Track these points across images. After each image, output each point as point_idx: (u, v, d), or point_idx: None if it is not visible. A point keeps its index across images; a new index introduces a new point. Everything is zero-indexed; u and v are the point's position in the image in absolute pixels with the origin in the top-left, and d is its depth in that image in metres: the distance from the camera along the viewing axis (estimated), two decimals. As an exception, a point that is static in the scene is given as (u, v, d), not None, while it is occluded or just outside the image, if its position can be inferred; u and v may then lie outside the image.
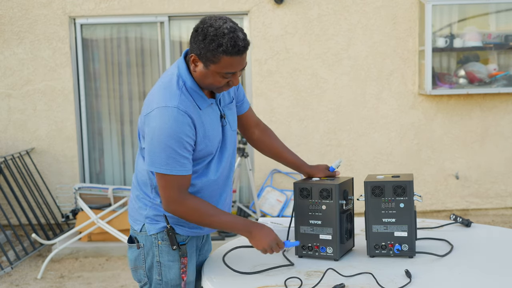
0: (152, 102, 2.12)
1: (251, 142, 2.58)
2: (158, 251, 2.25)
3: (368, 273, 2.15)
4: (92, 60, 6.18)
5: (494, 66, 6.01)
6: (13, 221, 5.98)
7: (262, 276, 2.18)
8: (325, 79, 6.10)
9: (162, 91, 2.12)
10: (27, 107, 6.04)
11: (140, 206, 2.28)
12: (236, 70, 2.10)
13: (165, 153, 2.07)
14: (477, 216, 6.25)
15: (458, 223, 2.78)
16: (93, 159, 6.30)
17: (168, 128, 2.05)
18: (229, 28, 2.04)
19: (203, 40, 2.05)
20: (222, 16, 2.10)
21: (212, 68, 2.08)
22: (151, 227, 2.25)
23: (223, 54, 2.04)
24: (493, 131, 6.20)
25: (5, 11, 5.94)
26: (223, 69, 2.08)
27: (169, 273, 2.26)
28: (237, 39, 2.04)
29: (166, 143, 2.06)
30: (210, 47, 2.04)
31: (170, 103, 2.07)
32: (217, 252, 2.49)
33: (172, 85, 2.13)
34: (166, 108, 2.07)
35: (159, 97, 2.11)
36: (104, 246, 5.30)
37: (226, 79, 2.12)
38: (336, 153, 6.16)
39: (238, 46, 2.04)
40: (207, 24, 2.06)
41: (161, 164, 2.09)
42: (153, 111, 2.08)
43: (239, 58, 2.07)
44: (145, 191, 2.27)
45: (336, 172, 2.50)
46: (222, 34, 2.03)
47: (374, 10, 6.04)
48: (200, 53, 2.07)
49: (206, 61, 2.07)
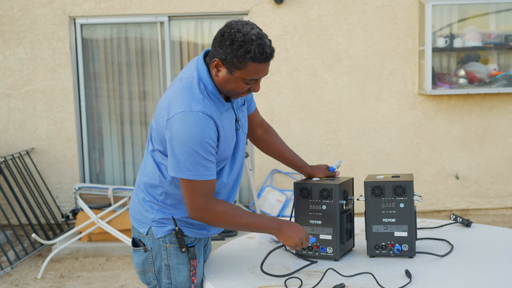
0: (173, 106, 2.05)
1: (253, 141, 2.58)
2: (166, 254, 2.21)
3: (368, 273, 2.15)
4: (92, 60, 6.18)
5: (494, 66, 6.01)
6: (13, 221, 5.98)
7: (262, 276, 2.18)
8: (325, 79, 6.10)
9: (183, 94, 2.06)
10: (27, 107, 6.04)
11: (146, 209, 2.23)
12: (260, 76, 2.08)
13: (192, 159, 2.02)
14: (477, 216, 6.25)
15: (458, 223, 2.78)
16: (93, 159, 6.30)
17: (194, 133, 2.00)
18: (256, 34, 2.02)
19: (230, 46, 2.01)
20: (248, 21, 2.07)
21: (237, 74, 2.05)
22: (159, 230, 2.21)
23: (251, 61, 2.01)
24: (493, 131, 6.20)
25: (5, 11, 5.94)
26: (248, 76, 2.05)
27: (178, 276, 2.22)
28: (265, 45, 2.02)
29: (193, 148, 2.01)
30: (237, 53, 2.01)
31: (195, 107, 2.02)
32: (217, 252, 2.49)
33: (194, 88, 2.07)
34: (191, 112, 2.01)
35: (181, 100, 2.04)
36: (104, 246, 5.30)
37: (249, 85, 2.09)
38: (336, 153, 6.16)
39: (266, 53, 2.03)
40: (235, 29, 2.02)
41: (188, 169, 2.04)
42: (176, 116, 2.02)
43: (265, 65, 2.05)
44: (152, 194, 2.22)
45: (336, 172, 2.50)
46: (250, 40, 2.00)
47: (374, 10, 6.04)
48: (226, 58, 2.03)
49: (231, 67, 2.04)
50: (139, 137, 6.28)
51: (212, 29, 6.16)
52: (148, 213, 2.23)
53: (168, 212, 2.21)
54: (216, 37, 2.07)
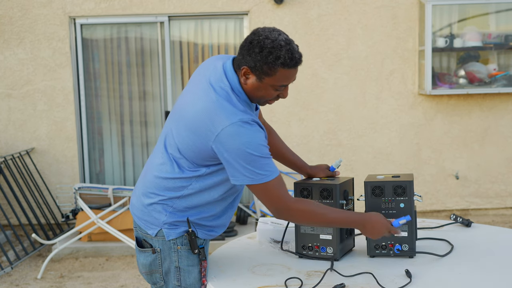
0: (218, 119, 2.02)
1: None
2: (177, 256, 2.20)
3: (369, 273, 2.15)
4: (92, 60, 6.18)
5: (494, 66, 6.01)
6: (13, 221, 5.98)
7: (262, 276, 2.18)
8: (325, 79, 6.10)
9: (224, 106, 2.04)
10: (27, 107, 6.04)
11: (158, 211, 2.19)
12: (290, 82, 2.10)
13: (257, 164, 2.03)
14: (477, 216, 6.25)
15: (458, 223, 2.78)
16: (93, 159, 6.29)
17: (251, 141, 2.01)
18: (284, 40, 2.03)
19: (260, 53, 2.02)
20: (274, 27, 2.08)
21: (267, 80, 2.06)
22: (171, 232, 2.19)
23: (281, 67, 2.02)
24: (493, 131, 6.20)
25: (5, 11, 5.94)
26: (278, 82, 2.06)
27: (188, 278, 2.21)
28: (294, 51, 2.04)
29: (254, 154, 2.02)
30: (267, 59, 2.02)
31: (244, 117, 2.03)
32: (217, 252, 2.49)
33: (233, 99, 2.07)
34: (242, 123, 2.02)
35: (226, 113, 2.03)
36: (104, 246, 5.30)
37: (278, 91, 2.11)
38: (336, 153, 6.16)
39: (295, 58, 2.04)
40: (263, 36, 2.03)
41: (262, 174, 2.05)
42: (227, 129, 2.01)
43: (294, 70, 2.07)
44: (169, 197, 2.17)
45: (336, 172, 2.50)
46: (279, 46, 2.01)
47: (374, 10, 6.04)
48: (255, 65, 2.04)
49: (260, 74, 2.05)
50: (139, 137, 6.28)
51: (212, 29, 6.16)
52: (160, 215, 2.19)
53: (182, 214, 2.18)
54: (243, 45, 2.08)
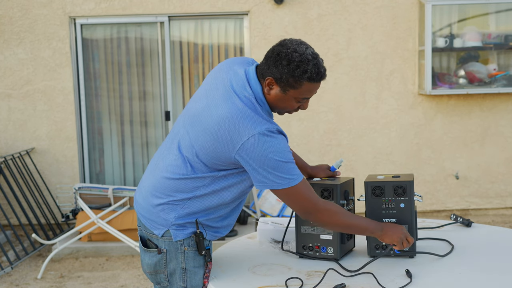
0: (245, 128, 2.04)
1: None
2: (183, 257, 2.20)
3: (369, 273, 2.15)
4: (92, 60, 6.18)
5: (494, 66, 6.01)
6: (13, 221, 5.98)
7: (263, 276, 2.18)
8: (325, 79, 6.09)
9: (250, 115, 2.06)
10: (27, 107, 6.04)
11: (167, 212, 2.19)
12: (312, 95, 2.14)
13: (287, 168, 2.06)
14: (477, 216, 6.25)
15: (458, 223, 2.78)
16: (93, 159, 6.29)
17: (276, 148, 2.04)
18: (311, 54, 2.08)
19: (287, 65, 2.06)
20: (301, 40, 2.13)
21: (291, 93, 2.10)
22: (178, 233, 2.19)
23: (307, 81, 2.07)
24: (493, 131, 6.20)
25: (5, 11, 5.94)
26: (302, 95, 2.11)
27: (194, 279, 2.22)
28: (320, 65, 2.09)
29: (280, 160, 2.05)
30: (295, 73, 2.05)
31: (271, 126, 2.06)
32: (217, 252, 2.49)
33: (257, 108, 2.10)
34: (270, 132, 2.05)
35: (252, 122, 2.05)
36: (104, 246, 5.30)
37: (299, 103, 2.15)
38: (336, 153, 6.16)
39: (321, 72, 2.09)
40: (291, 49, 2.07)
41: (290, 178, 2.08)
42: (253, 138, 2.03)
43: (319, 84, 2.12)
44: (179, 198, 2.18)
45: (337, 172, 2.50)
46: (307, 61, 2.06)
47: (374, 10, 6.04)
48: (281, 77, 2.07)
49: (285, 86, 2.09)
50: (139, 137, 6.28)
51: (212, 29, 6.16)
52: (169, 216, 2.19)
53: (191, 216, 2.19)
54: (270, 56, 2.11)
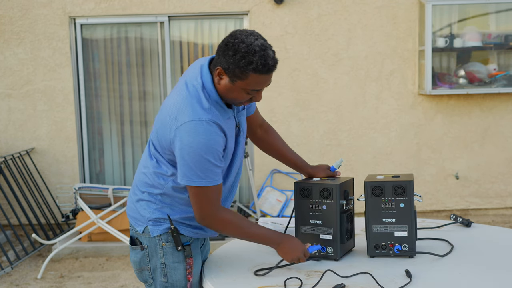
0: (182, 115, 2.07)
1: (254, 141, 2.58)
2: (162, 253, 2.24)
3: (367, 273, 2.15)
4: (92, 60, 6.18)
5: (494, 66, 6.01)
6: (13, 221, 5.98)
7: (262, 276, 2.18)
8: (325, 79, 6.10)
9: (190, 103, 2.08)
10: (27, 107, 6.04)
11: (143, 208, 2.25)
12: (262, 87, 2.10)
13: (203, 166, 2.06)
14: (477, 216, 6.25)
15: (458, 223, 2.78)
16: (93, 159, 6.29)
17: (204, 142, 2.04)
18: (260, 45, 2.03)
19: (233, 56, 2.03)
20: (253, 31, 2.08)
21: (238, 84, 2.07)
22: (155, 229, 2.23)
23: (252, 72, 2.03)
24: (493, 131, 6.20)
25: (5, 11, 5.94)
26: (249, 86, 2.07)
27: (174, 275, 2.24)
28: (268, 57, 2.03)
29: (204, 156, 2.05)
30: (240, 63, 2.02)
31: (204, 116, 2.05)
32: (217, 252, 2.49)
33: (200, 97, 2.09)
34: (200, 121, 2.05)
35: (189, 110, 2.07)
36: (104, 246, 5.30)
37: (250, 95, 2.11)
38: (336, 153, 6.16)
39: (268, 65, 2.04)
40: (239, 40, 2.04)
41: (199, 177, 2.07)
42: (185, 125, 2.05)
43: (267, 76, 2.06)
44: (150, 194, 2.24)
45: (337, 172, 2.50)
46: (253, 52, 2.01)
47: (374, 10, 6.04)
48: (228, 67, 2.05)
49: (233, 76, 2.06)
50: (139, 137, 6.28)
51: (212, 29, 6.16)
52: (145, 211, 2.25)
53: (165, 211, 2.23)
54: (220, 45, 2.09)
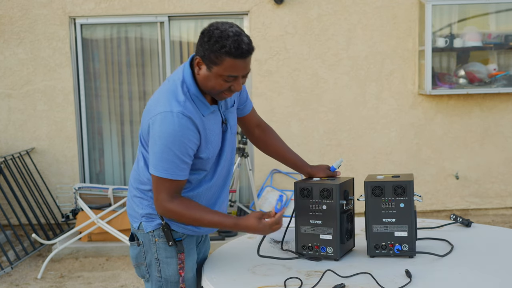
0: (157, 106, 2.13)
1: (252, 141, 2.59)
2: (155, 248, 2.29)
3: (367, 273, 2.15)
4: (92, 60, 6.18)
5: (494, 66, 6.01)
6: (13, 221, 5.98)
7: (262, 276, 2.18)
8: (325, 79, 6.10)
9: (167, 96, 2.14)
10: (27, 107, 6.04)
11: (137, 204, 2.31)
12: (238, 74, 2.10)
13: (168, 158, 2.10)
14: (477, 216, 6.25)
15: (458, 223, 2.78)
16: (93, 159, 6.30)
17: (172, 133, 2.08)
18: (234, 31, 2.06)
19: (208, 42, 2.07)
20: (229, 22, 2.12)
21: (215, 70, 2.09)
22: (147, 224, 2.29)
23: (226, 56, 2.05)
24: (493, 131, 6.20)
25: (5, 11, 5.94)
26: (225, 72, 2.08)
27: (167, 270, 2.28)
28: (241, 42, 2.06)
29: (169, 148, 2.09)
30: (214, 48, 2.05)
31: (175, 108, 2.09)
32: (217, 252, 2.49)
33: (178, 90, 2.14)
34: (171, 113, 2.09)
35: (164, 102, 2.13)
36: (104, 246, 5.30)
37: (228, 83, 2.12)
38: (336, 153, 6.16)
39: (242, 49, 2.06)
40: (214, 27, 2.09)
41: (162, 167, 2.12)
42: (158, 116, 2.10)
43: (242, 61, 2.08)
44: (142, 190, 2.29)
45: (337, 172, 2.50)
46: (226, 36, 2.05)
47: (374, 10, 6.04)
48: (204, 54, 2.09)
49: (209, 63, 2.09)
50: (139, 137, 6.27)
51: (212, 29, 6.16)
52: (138, 208, 2.31)
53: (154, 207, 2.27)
54: (199, 37, 2.15)
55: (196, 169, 2.21)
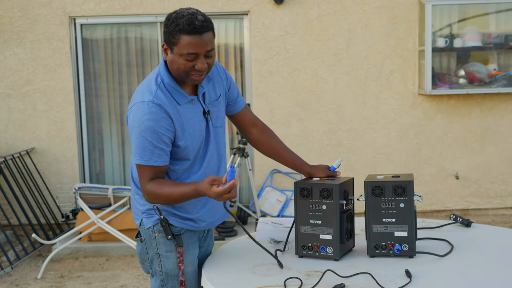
0: (133, 99, 2.25)
1: (250, 142, 2.59)
2: (156, 243, 2.34)
3: (367, 273, 2.15)
4: (92, 60, 6.18)
5: (494, 66, 6.01)
6: (13, 221, 5.98)
7: (262, 276, 2.18)
8: (325, 79, 6.10)
9: (142, 89, 2.26)
10: (27, 107, 6.04)
11: (138, 201, 2.38)
12: (197, 51, 2.16)
13: (142, 145, 2.19)
14: (477, 216, 6.25)
15: (458, 223, 2.78)
16: (93, 159, 6.29)
17: (143, 121, 2.17)
18: (190, 12, 2.16)
19: (166, 25, 2.18)
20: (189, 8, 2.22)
21: (176, 50, 2.17)
22: (147, 221, 2.35)
23: (180, 33, 2.13)
24: (493, 131, 6.20)
25: (5, 11, 5.94)
26: (184, 49, 2.15)
27: (168, 264, 2.34)
28: (194, 19, 2.14)
29: (143, 135, 2.18)
30: (170, 29, 2.16)
31: (146, 97, 2.19)
32: (217, 252, 2.49)
33: (151, 82, 2.25)
34: (142, 102, 2.19)
35: (139, 94, 2.24)
36: (104, 246, 5.31)
37: (190, 62, 2.18)
38: (336, 153, 6.16)
39: (194, 24, 2.13)
40: (172, 12, 2.20)
41: (139, 155, 2.21)
42: (133, 107, 2.22)
43: (198, 37, 2.14)
44: (139, 187, 2.35)
45: (337, 172, 2.50)
46: (181, 16, 2.15)
47: (374, 10, 6.04)
48: (165, 38, 2.19)
49: (170, 45, 2.18)
50: (139, 137, 6.27)
51: (212, 29, 6.16)
52: (139, 205, 2.38)
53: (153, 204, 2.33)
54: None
55: (178, 158, 2.27)
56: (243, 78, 6.22)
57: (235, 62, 6.23)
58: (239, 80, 6.24)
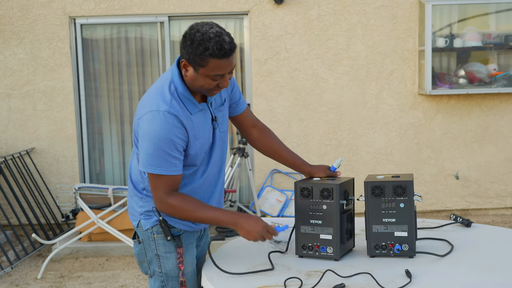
0: (145, 106, 2.21)
1: (250, 142, 2.60)
2: (155, 244, 2.35)
3: (367, 273, 2.15)
4: (92, 60, 6.18)
5: (494, 66, 6.01)
6: (13, 221, 5.98)
7: (262, 276, 2.18)
8: (325, 79, 6.10)
9: (155, 96, 2.21)
10: (27, 107, 6.04)
11: (136, 202, 2.38)
12: (224, 72, 2.17)
13: (157, 154, 2.16)
14: (477, 216, 6.25)
15: (458, 223, 2.78)
16: (93, 159, 6.30)
17: (159, 131, 2.14)
18: (215, 32, 2.12)
19: (191, 45, 2.13)
20: (209, 22, 2.18)
21: (201, 71, 2.15)
22: (146, 222, 2.35)
23: (210, 57, 2.11)
24: (493, 131, 6.20)
25: (5, 11, 5.94)
26: (211, 72, 2.14)
27: (167, 264, 2.34)
28: (223, 42, 2.12)
29: (158, 145, 2.15)
30: (197, 51, 2.12)
31: (161, 107, 2.16)
32: (217, 252, 2.49)
33: (164, 90, 2.21)
34: (158, 112, 2.16)
35: (152, 101, 2.20)
36: (104, 246, 5.31)
37: (216, 81, 2.18)
38: (336, 153, 6.16)
39: (224, 49, 2.11)
40: (194, 30, 2.15)
41: (154, 165, 2.18)
42: (145, 115, 2.18)
43: (226, 60, 2.14)
44: (138, 189, 2.36)
45: (337, 172, 2.50)
46: (208, 38, 2.11)
47: (374, 10, 6.04)
48: (189, 58, 2.15)
49: (195, 65, 2.15)
50: (139, 137, 6.27)
51: (212, 29, 6.16)
52: (137, 206, 2.38)
53: (151, 204, 2.33)
54: (181, 39, 2.22)
55: (185, 164, 2.27)
56: (243, 78, 6.22)
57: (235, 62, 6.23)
58: (239, 80, 6.24)
